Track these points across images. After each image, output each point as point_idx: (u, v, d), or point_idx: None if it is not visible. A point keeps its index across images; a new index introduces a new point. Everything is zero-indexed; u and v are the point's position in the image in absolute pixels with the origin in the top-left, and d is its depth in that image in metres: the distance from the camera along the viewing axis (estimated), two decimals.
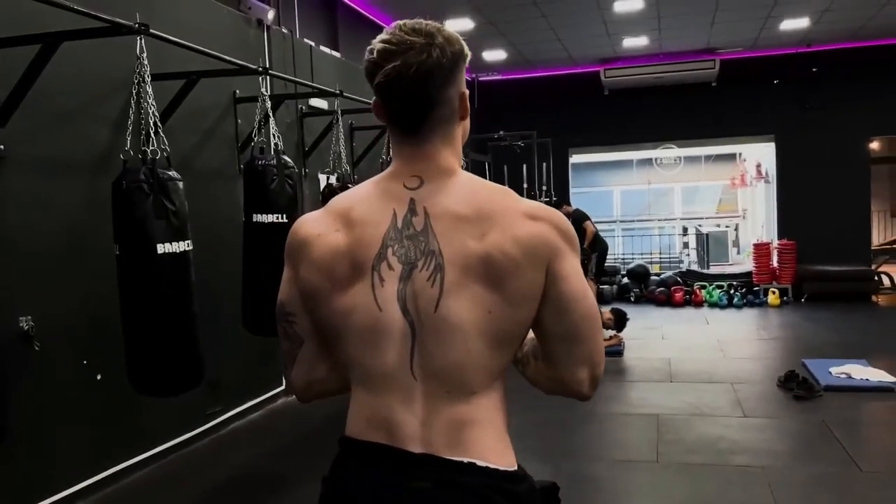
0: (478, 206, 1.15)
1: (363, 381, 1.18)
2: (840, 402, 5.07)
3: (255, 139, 4.09)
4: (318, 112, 6.11)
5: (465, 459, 1.11)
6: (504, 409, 1.19)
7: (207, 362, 3.36)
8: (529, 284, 1.13)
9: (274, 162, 3.94)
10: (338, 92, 5.00)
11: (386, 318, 1.13)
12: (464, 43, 1.19)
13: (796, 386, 5.25)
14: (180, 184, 3.18)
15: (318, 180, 6.14)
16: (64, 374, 3.57)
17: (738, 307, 9.63)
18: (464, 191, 1.17)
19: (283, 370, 1.29)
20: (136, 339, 3.12)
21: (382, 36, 1.16)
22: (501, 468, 1.14)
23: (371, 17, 7.78)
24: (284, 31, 5.83)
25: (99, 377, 3.76)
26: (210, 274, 4.40)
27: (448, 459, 1.11)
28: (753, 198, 14.04)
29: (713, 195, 16.36)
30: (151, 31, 3.22)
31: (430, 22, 1.17)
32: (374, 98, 1.20)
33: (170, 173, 3.15)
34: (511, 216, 1.14)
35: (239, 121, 5.04)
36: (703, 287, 10.19)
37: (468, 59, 1.21)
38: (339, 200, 1.24)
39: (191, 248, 3.21)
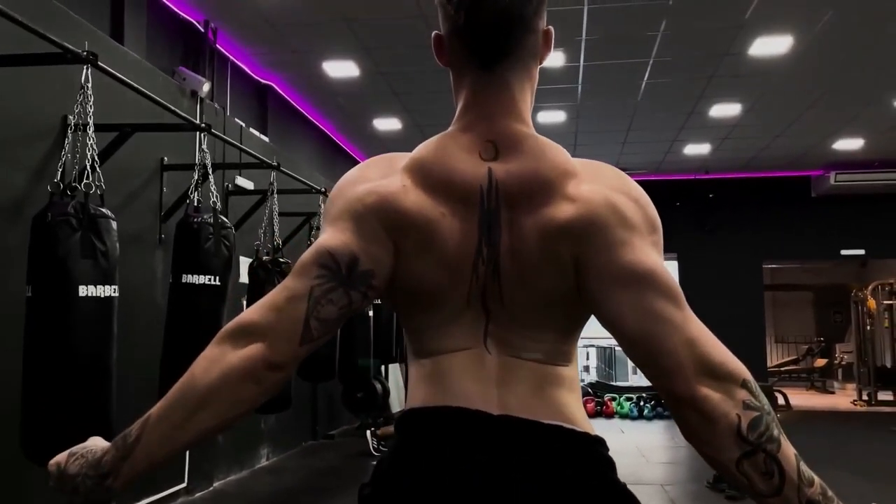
0: (534, 180, 1.00)
1: (428, 354, 1.02)
2: None
3: (192, 195, 3.82)
4: (243, 192, 5.88)
5: (553, 422, 0.97)
6: (579, 386, 1.07)
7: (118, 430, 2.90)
8: (555, 287, 1.00)
9: (211, 220, 3.67)
10: (275, 164, 4.84)
11: (465, 307, 1.02)
12: None
13: (727, 486, 5.18)
14: (114, 223, 2.87)
15: (239, 263, 5.82)
16: None
17: (649, 419, 9.67)
18: (528, 162, 1.01)
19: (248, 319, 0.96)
20: (39, 392, 2.65)
21: None
22: (592, 434, 1.01)
23: (300, 108, 7.75)
24: (217, 106, 5.68)
25: None
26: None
27: (532, 421, 0.96)
28: None
29: None
30: (99, 63, 3.00)
31: None
32: (435, 33, 1.05)
33: (103, 210, 2.84)
34: (551, 195, 0.99)
35: (164, 189, 4.75)
36: (614, 399, 10.22)
37: None
38: (424, 163, 1.04)
39: (117, 294, 2.84)
